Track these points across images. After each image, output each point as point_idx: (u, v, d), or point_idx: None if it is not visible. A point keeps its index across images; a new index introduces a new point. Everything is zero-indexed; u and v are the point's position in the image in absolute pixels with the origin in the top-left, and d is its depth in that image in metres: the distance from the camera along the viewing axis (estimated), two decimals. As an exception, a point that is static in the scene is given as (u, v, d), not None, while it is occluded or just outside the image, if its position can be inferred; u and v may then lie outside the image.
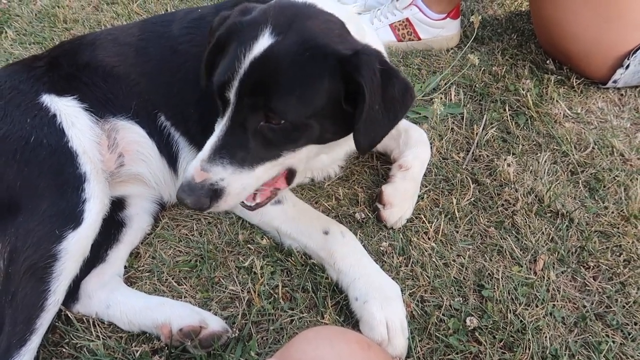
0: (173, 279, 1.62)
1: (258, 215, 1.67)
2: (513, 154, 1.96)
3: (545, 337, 1.42)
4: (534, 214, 1.74)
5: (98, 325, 1.50)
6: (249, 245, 1.67)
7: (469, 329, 1.43)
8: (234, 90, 1.27)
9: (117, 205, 1.69)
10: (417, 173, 1.77)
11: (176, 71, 1.67)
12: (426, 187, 1.83)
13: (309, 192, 1.85)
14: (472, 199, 1.79)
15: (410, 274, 1.58)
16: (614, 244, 1.65)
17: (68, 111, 1.57)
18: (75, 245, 1.42)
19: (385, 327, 1.36)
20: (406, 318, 1.41)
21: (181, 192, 1.29)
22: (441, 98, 2.15)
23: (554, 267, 1.59)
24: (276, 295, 1.53)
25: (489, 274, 1.58)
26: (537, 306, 1.49)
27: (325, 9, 1.38)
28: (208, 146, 1.30)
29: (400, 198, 1.70)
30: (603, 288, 1.54)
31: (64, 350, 1.46)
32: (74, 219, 1.43)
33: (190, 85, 1.65)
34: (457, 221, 1.72)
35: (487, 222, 1.73)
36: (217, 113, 1.37)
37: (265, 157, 1.33)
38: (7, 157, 1.46)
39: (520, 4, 2.88)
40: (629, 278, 1.56)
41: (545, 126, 2.07)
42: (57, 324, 1.49)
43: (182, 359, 1.42)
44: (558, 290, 1.53)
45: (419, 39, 2.53)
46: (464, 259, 1.62)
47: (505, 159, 1.88)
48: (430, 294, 1.53)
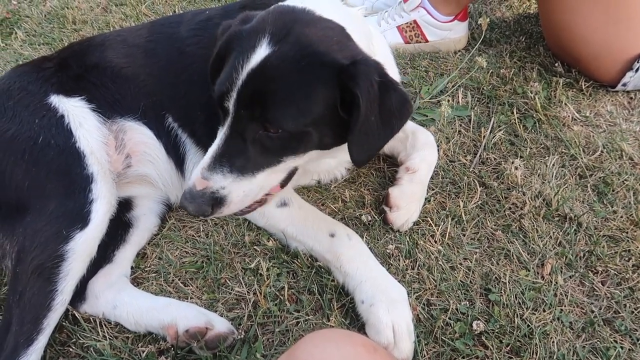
0: (179, 279, 1.62)
1: (264, 217, 1.67)
2: (521, 157, 1.94)
3: (553, 342, 1.41)
4: (541, 218, 1.73)
5: (105, 325, 1.51)
6: (255, 247, 1.67)
7: (476, 333, 1.43)
8: (232, 101, 1.28)
9: (124, 206, 1.70)
10: (424, 176, 1.76)
11: (183, 73, 1.67)
12: (433, 189, 1.82)
13: (315, 195, 1.85)
14: (479, 202, 1.78)
15: (417, 277, 1.58)
16: (623, 248, 1.64)
17: (76, 112, 1.59)
18: (82, 245, 1.43)
19: (391, 331, 1.36)
20: (412, 321, 1.40)
21: (183, 200, 1.31)
22: (448, 100, 2.14)
23: (561, 272, 1.58)
24: (282, 297, 1.53)
25: (495, 277, 1.57)
26: (544, 311, 1.48)
27: (325, 14, 1.37)
28: (209, 154, 1.32)
29: (407, 201, 1.69)
30: (611, 293, 1.53)
31: (71, 349, 1.47)
32: (81, 219, 1.44)
33: (196, 87, 1.65)
34: (464, 224, 1.71)
35: (494, 225, 1.72)
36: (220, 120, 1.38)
37: (265, 163, 1.33)
38: (16, 157, 1.47)
39: (528, 7, 2.86)
40: (637, 283, 1.55)
41: (554, 129, 2.06)
42: (64, 323, 1.50)
43: (188, 360, 1.42)
44: (566, 295, 1.52)
45: (427, 41, 2.52)
46: (471, 262, 1.61)
47: (512, 162, 1.87)
48: (437, 297, 1.53)
